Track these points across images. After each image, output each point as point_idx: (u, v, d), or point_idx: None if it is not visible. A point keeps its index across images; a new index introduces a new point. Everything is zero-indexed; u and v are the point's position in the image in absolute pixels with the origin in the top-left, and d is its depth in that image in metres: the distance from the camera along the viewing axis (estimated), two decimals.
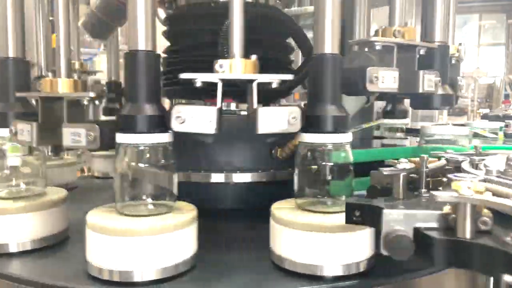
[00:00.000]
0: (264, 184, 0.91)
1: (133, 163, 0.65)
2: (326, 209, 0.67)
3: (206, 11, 0.97)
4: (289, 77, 0.64)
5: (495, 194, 0.48)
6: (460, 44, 1.10)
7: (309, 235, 0.61)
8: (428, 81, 0.72)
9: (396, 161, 0.67)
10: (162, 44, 0.88)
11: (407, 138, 1.36)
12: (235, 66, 0.63)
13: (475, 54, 10.45)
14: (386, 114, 1.23)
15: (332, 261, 0.61)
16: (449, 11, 1.01)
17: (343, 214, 0.61)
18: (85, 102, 0.70)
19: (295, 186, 0.70)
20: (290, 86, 1.01)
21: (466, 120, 5.52)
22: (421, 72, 0.71)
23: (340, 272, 0.61)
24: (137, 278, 0.59)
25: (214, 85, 0.63)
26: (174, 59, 1.02)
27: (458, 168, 0.69)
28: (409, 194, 0.61)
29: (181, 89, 1.00)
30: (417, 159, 0.68)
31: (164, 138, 0.64)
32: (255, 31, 0.64)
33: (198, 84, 0.62)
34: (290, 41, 1.08)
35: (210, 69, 0.64)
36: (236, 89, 0.72)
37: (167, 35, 1.08)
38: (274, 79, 0.63)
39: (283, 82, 0.64)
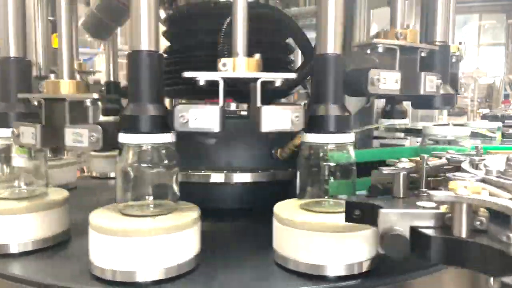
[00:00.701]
0: (264, 184, 0.91)
1: None
2: (329, 209, 0.67)
3: (206, 11, 0.97)
4: (292, 75, 0.64)
5: (492, 194, 0.48)
6: (460, 43, 1.12)
7: (312, 235, 0.62)
8: (429, 82, 0.73)
9: (397, 160, 0.68)
10: (162, 44, 0.88)
11: (406, 139, 1.36)
12: (239, 65, 0.63)
13: (475, 54, 10.45)
14: (385, 114, 1.22)
15: (335, 261, 0.61)
16: (449, 11, 1.01)
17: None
18: (88, 104, 0.69)
19: (297, 186, 0.70)
20: (290, 86, 1.01)
21: (466, 120, 5.53)
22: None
23: (343, 272, 0.62)
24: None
25: (216, 84, 0.63)
26: (174, 59, 1.02)
27: (459, 168, 0.68)
28: (409, 193, 0.61)
29: (182, 88, 1.00)
30: (418, 158, 0.68)
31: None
32: (255, 31, 0.63)
33: (201, 82, 0.62)
34: (290, 41, 1.08)
35: (210, 68, 0.64)
36: (236, 89, 0.72)
37: (167, 35, 1.08)
38: (277, 77, 0.63)
39: (285, 81, 0.64)
